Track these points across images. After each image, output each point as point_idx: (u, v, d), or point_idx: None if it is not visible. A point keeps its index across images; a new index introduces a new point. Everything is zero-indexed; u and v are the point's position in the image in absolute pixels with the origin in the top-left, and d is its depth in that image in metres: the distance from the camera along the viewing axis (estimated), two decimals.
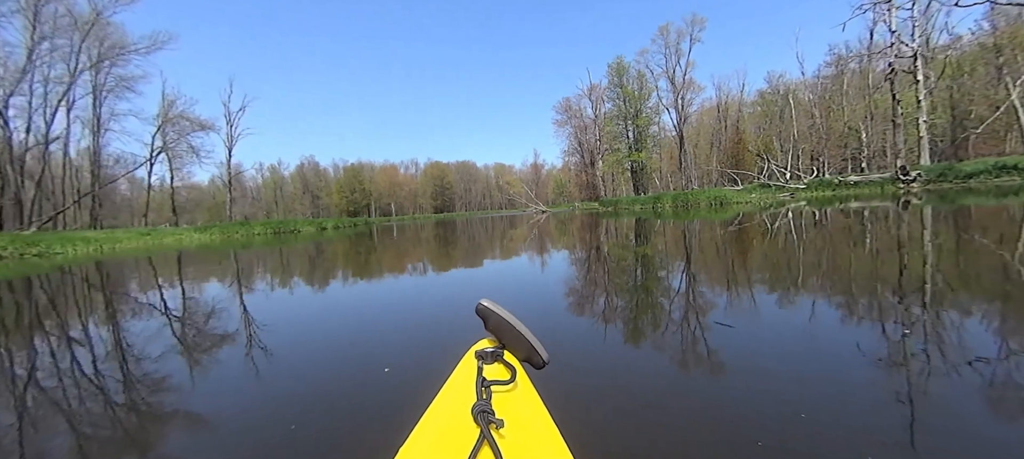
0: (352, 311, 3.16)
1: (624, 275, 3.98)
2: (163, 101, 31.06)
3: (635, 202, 29.23)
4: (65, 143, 28.54)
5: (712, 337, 1.98)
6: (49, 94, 25.45)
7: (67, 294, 5.22)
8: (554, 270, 4.87)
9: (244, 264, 7.88)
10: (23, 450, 1.36)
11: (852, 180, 19.07)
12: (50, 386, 1.91)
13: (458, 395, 0.67)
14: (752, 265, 4.00)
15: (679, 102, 42.13)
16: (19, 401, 1.76)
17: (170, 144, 30.89)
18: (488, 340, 0.88)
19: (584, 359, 1.86)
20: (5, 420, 1.57)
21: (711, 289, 3.05)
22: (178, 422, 1.46)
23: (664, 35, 41.17)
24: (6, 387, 1.94)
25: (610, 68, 45.17)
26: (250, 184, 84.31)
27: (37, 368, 2.23)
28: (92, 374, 2.05)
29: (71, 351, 2.51)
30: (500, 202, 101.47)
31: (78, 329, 3.10)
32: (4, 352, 2.59)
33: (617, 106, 46.05)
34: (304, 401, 1.50)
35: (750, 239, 5.99)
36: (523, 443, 0.55)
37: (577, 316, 2.64)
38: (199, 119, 31.31)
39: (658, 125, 46.36)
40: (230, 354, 2.18)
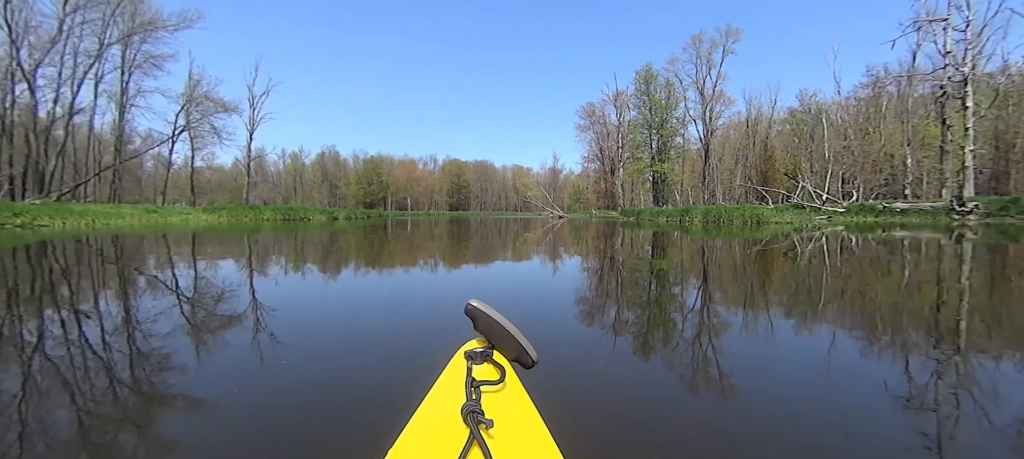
0: (346, 306, 3.05)
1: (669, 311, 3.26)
2: (189, 80, 31.28)
3: (659, 213, 27.97)
4: (91, 116, 28.98)
5: (723, 358, 1.93)
6: (78, 66, 25.71)
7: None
8: (567, 282, 4.37)
9: (240, 249, 7.38)
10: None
11: (898, 207, 17.79)
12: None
13: (447, 396, 0.67)
14: (826, 305, 3.22)
15: (707, 114, 40.92)
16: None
17: (193, 124, 31.06)
18: (477, 340, 0.87)
19: (588, 363, 1.87)
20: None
21: (770, 330, 2.48)
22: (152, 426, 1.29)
23: (696, 44, 40.05)
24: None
25: (638, 75, 44.18)
26: (272, 169, 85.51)
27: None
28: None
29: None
30: (516, 204, 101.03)
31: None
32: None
33: (642, 114, 45.01)
34: (289, 403, 1.42)
35: (803, 267, 5.17)
36: (513, 443, 0.55)
37: (590, 327, 2.53)
38: (222, 100, 31.43)
39: (683, 136, 45.15)
40: (213, 349, 2.04)
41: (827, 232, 12.07)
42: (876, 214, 17.92)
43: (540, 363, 0.85)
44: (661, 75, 43.21)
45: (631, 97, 46.13)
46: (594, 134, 55.67)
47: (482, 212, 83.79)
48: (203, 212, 20.42)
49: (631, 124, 46.56)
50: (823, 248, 7.37)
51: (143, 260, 5.72)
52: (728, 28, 38.80)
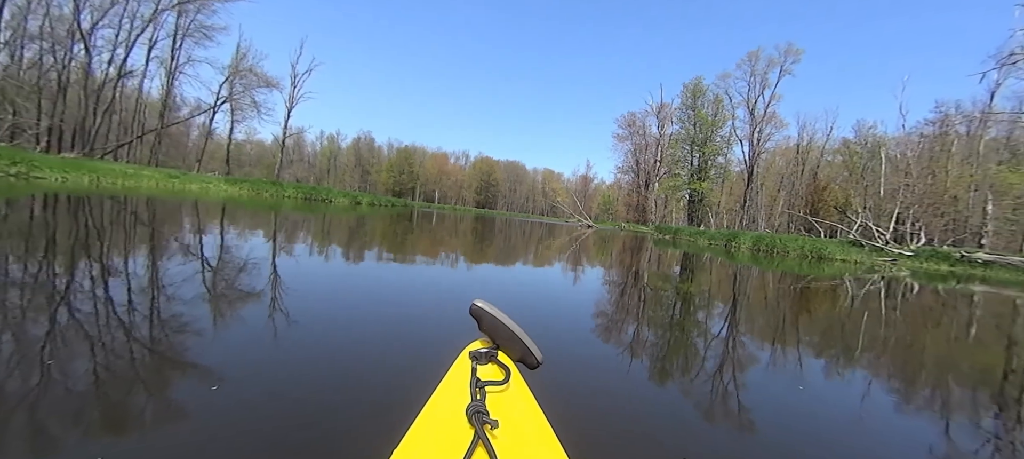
0: (351, 299, 2.93)
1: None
2: (236, 52, 31.77)
3: (698, 234, 25.87)
4: (140, 80, 29.81)
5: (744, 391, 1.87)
6: (133, 30, 26.36)
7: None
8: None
9: (248, 223, 6.82)
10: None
11: (980, 258, 15.75)
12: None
13: (452, 396, 0.67)
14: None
15: (755, 135, 38.78)
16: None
17: (235, 96, 31.52)
18: (482, 341, 0.88)
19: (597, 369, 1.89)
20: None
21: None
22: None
23: (752, 62, 38.03)
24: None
25: (686, 88, 42.43)
26: (309, 149, 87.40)
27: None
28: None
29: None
30: (543, 208, 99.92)
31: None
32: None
33: (686, 129, 43.19)
34: (294, 402, 1.39)
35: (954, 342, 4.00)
36: (517, 443, 0.55)
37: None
38: (266, 75, 31.78)
39: (726, 156, 43.01)
40: (210, 339, 1.86)
41: (886, 275, 10.61)
42: (952, 262, 15.91)
43: (545, 364, 0.84)
44: (710, 90, 41.32)
45: (676, 110, 44.37)
46: (632, 145, 54.03)
47: (508, 213, 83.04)
48: (225, 182, 20.16)
49: (673, 138, 44.77)
50: (937, 303, 6.18)
51: (117, 227, 5.12)
52: (788, 47, 36.66)
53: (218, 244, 4.59)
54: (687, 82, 42.51)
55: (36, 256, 3.03)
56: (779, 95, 38.08)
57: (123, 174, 15.23)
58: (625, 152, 55.81)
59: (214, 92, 31.01)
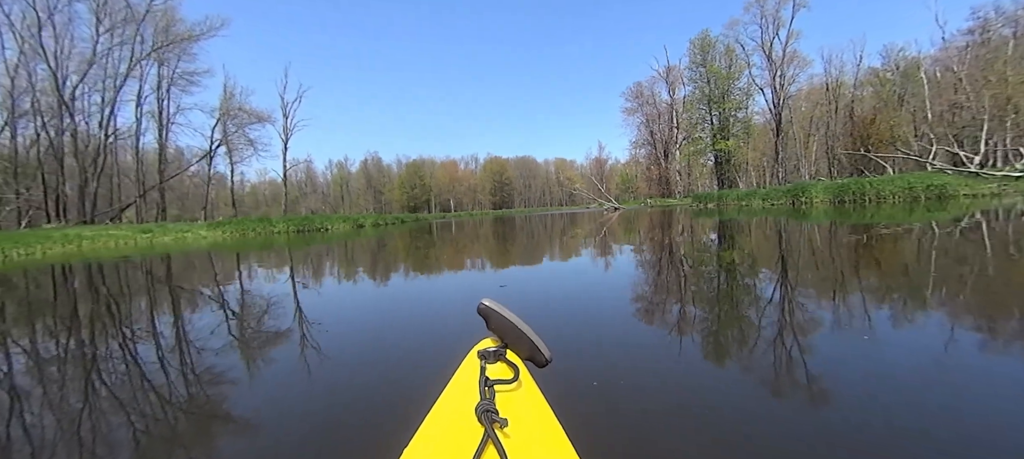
0: (363, 309, 3.04)
1: None
2: (224, 93, 30.89)
3: (749, 195, 22.14)
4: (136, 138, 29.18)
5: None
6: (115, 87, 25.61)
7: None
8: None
9: (229, 275, 5.38)
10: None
11: None
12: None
13: (461, 395, 0.68)
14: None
15: (777, 80, 35.67)
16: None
17: (229, 136, 30.62)
18: (490, 339, 0.88)
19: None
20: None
21: None
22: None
23: (760, 2, 34.94)
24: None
25: (692, 44, 39.52)
26: (321, 179, 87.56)
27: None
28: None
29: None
30: (561, 198, 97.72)
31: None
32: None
33: (699, 88, 40.25)
34: (306, 402, 1.45)
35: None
36: (528, 442, 0.55)
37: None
38: (256, 111, 30.84)
39: (747, 109, 39.87)
40: (236, 354, 2.08)
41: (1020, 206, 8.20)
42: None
43: (554, 362, 0.84)
44: (720, 42, 38.31)
45: (685, 71, 41.50)
46: (643, 117, 51.29)
47: (526, 209, 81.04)
48: (205, 229, 18.75)
49: (687, 101, 41.91)
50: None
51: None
52: None
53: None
54: (693, 37, 39.60)
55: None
56: (797, 32, 34.90)
57: (91, 237, 13.83)
58: (637, 125, 53.12)
59: (207, 137, 30.20)
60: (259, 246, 11.18)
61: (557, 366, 0.90)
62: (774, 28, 35.21)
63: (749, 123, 39.67)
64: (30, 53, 23.71)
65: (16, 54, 24.53)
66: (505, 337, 0.84)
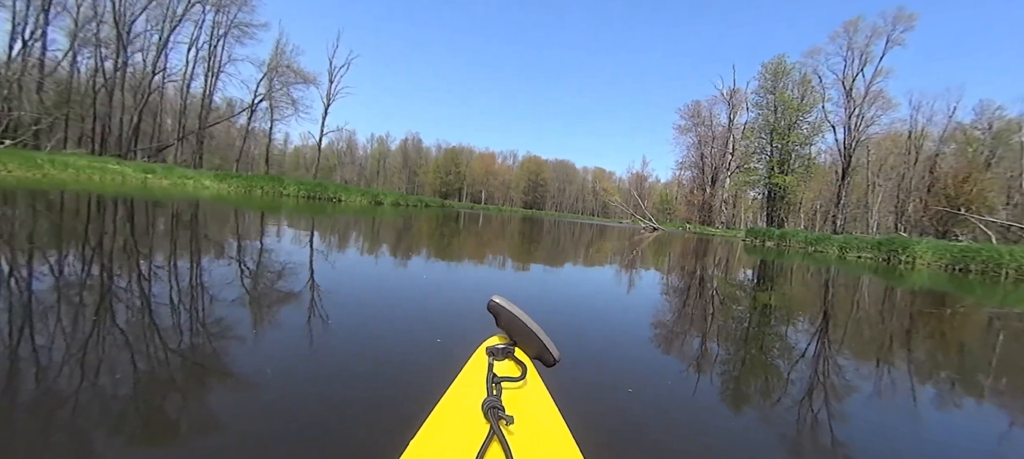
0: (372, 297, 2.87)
1: None
2: (275, 49, 30.70)
3: (821, 240, 18.11)
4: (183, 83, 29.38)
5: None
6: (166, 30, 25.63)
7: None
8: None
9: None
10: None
11: None
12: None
13: (469, 391, 0.68)
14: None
15: (853, 120, 32.46)
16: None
17: (273, 93, 30.40)
18: (499, 337, 0.88)
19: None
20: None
21: None
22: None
23: (849, 32, 31.84)
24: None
25: (764, 68, 36.64)
26: (361, 152, 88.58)
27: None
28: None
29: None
30: (594, 208, 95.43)
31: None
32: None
33: (763, 116, 37.32)
34: (315, 394, 1.41)
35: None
36: (533, 440, 0.56)
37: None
38: (302, 70, 30.46)
39: (812, 145, 36.62)
40: (239, 341, 1.83)
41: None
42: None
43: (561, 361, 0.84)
44: (796, 70, 35.27)
45: (751, 95, 38.62)
46: (696, 137, 48.54)
47: (557, 213, 79.15)
48: (210, 179, 17.67)
49: (747, 127, 39.05)
50: None
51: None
52: (898, 12, 30.20)
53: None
54: (767, 61, 36.66)
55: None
56: (886, 69, 31.56)
57: (88, 167, 13.11)
58: (688, 146, 50.39)
59: (252, 90, 30.07)
60: (260, 206, 10.15)
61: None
62: (860, 63, 32.03)
63: (811, 160, 36.46)
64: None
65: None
66: (514, 335, 0.83)
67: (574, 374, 1.67)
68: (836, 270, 8.88)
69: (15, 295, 2.04)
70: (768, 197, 37.05)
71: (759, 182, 37.83)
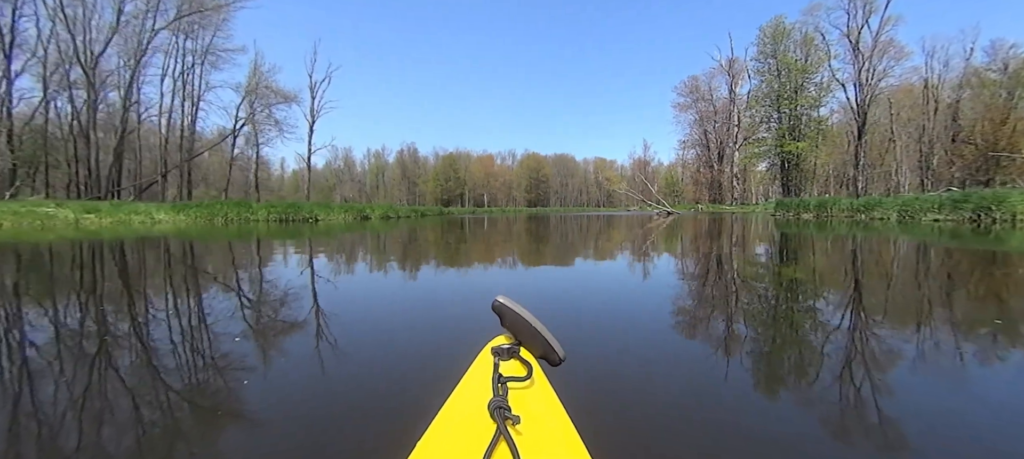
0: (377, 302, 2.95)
1: None
2: (253, 71, 29.50)
3: (874, 205, 15.48)
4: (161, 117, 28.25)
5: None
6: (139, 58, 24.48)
7: None
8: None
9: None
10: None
11: None
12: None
13: (475, 391, 0.68)
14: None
15: (864, 74, 30.65)
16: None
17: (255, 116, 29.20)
18: (504, 337, 0.88)
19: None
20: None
21: None
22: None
23: None
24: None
25: (762, 32, 34.92)
26: (359, 168, 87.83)
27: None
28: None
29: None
30: (598, 199, 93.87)
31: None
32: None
33: (767, 82, 35.55)
34: (320, 395, 1.44)
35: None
36: (540, 440, 0.56)
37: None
38: (282, 89, 29.22)
39: (825, 107, 34.79)
40: (253, 344, 1.96)
41: None
42: None
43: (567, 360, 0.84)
44: (796, 30, 33.50)
45: (751, 63, 36.86)
46: (696, 114, 46.90)
47: (562, 209, 77.64)
48: (166, 211, 16.02)
49: (751, 96, 37.26)
50: None
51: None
52: None
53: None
54: (764, 24, 34.91)
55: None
56: (894, 17, 29.72)
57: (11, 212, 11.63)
58: (689, 123, 48.72)
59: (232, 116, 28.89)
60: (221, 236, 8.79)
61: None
62: (864, 14, 30.20)
63: (824, 123, 34.64)
64: (57, 20, 22.89)
65: (48, 25, 23.96)
66: (519, 334, 0.83)
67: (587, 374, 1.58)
68: (920, 243, 7.22)
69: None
70: (782, 167, 35.25)
71: (770, 152, 36.04)
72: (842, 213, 16.23)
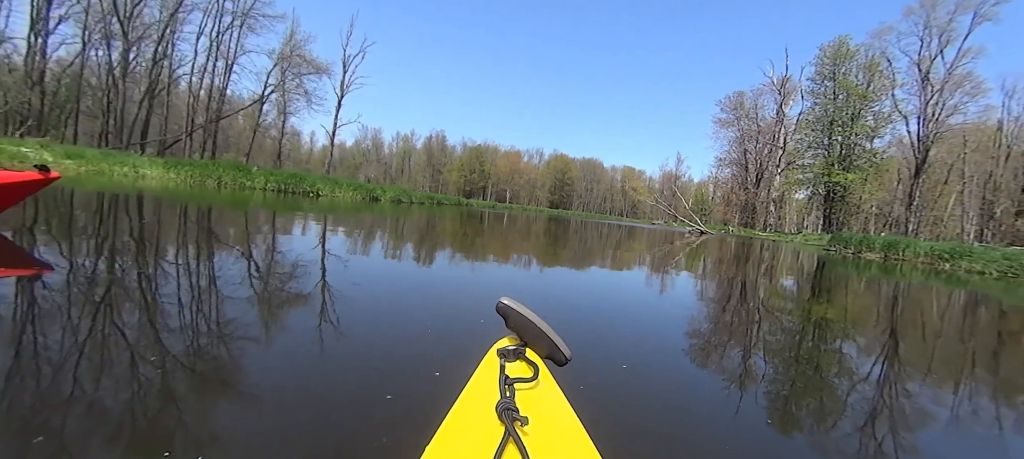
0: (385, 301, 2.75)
1: None
2: (288, 38, 29.07)
3: (957, 254, 12.89)
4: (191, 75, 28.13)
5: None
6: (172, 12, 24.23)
7: None
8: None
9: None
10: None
11: None
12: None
13: (482, 393, 0.68)
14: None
15: (932, 108, 28.12)
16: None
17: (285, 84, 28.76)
18: (510, 338, 0.88)
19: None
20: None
21: None
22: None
23: (927, 6, 27.51)
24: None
25: (823, 52, 32.56)
26: (387, 150, 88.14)
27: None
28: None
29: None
30: (623, 208, 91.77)
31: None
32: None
33: (822, 106, 33.19)
34: (329, 400, 1.38)
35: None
36: (548, 440, 0.56)
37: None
38: (315, 60, 28.69)
39: (882, 138, 32.21)
40: (255, 345, 1.81)
41: None
42: None
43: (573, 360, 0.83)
44: (861, 53, 31.05)
45: (806, 82, 34.50)
46: (738, 132, 44.53)
47: (584, 213, 75.92)
48: (159, 167, 14.90)
49: (802, 119, 34.93)
50: None
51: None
52: None
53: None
54: (826, 43, 32.51)
55: None
56: (974, 49, 27.10)
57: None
58: (729, 141, 46.37)
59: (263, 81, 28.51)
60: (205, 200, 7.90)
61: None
62: (940, 44, 27.66)
63: (878, 155, 32.11)
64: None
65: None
66: (524, 335, 0.83)
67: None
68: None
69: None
70: (827, 197, 32.89)
71: (815, 180, 33.67)
72: (918, 259, 14.03)
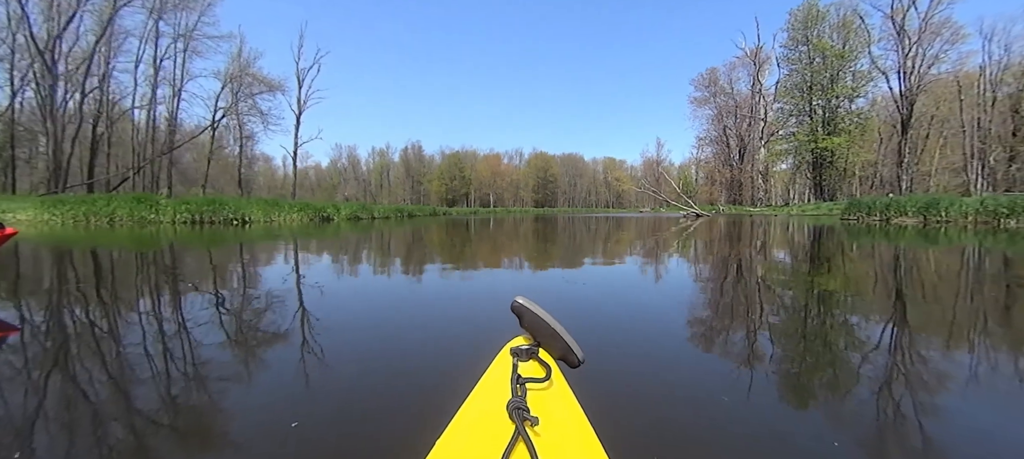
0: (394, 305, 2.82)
1: None
2: (237, 57, 27.09)
3: (1016, 210, 11.59)
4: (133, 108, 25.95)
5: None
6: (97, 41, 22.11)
7: None
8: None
9: None
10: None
11: None
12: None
13: (493, 391, 0.68)
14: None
15: (911, 61, 27.36)
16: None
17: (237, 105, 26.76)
18: (523, 338, 0.88)
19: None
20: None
21: None
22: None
23: None
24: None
25: (792, 17, 31.75)
26: (363, 168, 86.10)
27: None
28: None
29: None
30: (607, 200, 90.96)
31: None
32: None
33: (798, 72, 32.33)
34: (340, 394, 1.44)
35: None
36: (558, 441, 0.56)
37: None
38: (267, 78, 26.78)
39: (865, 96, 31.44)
40: (275, 348, 1.93)
41: None
42: None
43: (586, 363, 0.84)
44: (832, 12, 30.27)
45: (779, 50, 33.65)
46: (715, 109, 43.67)
47: (570, 209, 74.72)
48: (32, 207, 12.64)
49: (780, 87, 34.04)
50: None
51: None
52: None
53: None
54: (795, 8, 31.71)
55: None
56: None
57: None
58: (707, 119, 45.53)
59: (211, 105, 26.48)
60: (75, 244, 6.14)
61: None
62: None
63: (862, 115, 31.31)
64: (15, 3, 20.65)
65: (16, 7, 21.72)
66: (538, 336, 0.83)
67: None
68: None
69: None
70: (815, 164, 31.98)
71: (801, 148, 32.78)
72: (966, 218, 12.21)
